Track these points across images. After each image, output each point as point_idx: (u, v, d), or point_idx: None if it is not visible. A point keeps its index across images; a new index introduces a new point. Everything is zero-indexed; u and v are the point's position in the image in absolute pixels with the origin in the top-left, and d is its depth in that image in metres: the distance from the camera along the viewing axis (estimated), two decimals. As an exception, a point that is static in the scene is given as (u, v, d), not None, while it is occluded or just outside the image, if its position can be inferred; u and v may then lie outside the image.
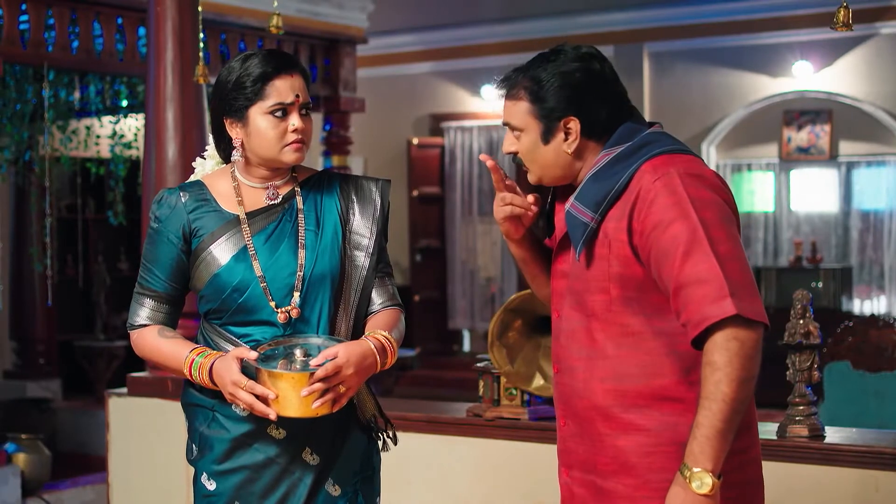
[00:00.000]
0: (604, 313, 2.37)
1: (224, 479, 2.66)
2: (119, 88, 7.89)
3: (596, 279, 2.37)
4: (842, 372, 5.56)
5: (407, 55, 11.89)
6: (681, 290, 2.23)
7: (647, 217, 2.28)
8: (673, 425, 2.33)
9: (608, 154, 2.38)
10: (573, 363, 2.43)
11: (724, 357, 2.19)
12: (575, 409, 2.44)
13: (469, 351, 11.96)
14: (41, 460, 6.79)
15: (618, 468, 2.37)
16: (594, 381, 2.39)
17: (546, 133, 2.42)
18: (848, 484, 3.37)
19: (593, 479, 2.42)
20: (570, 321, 2.44)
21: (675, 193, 2.27)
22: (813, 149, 10.43)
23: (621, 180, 2.33)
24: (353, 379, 2.56)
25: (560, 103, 2.40)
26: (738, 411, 2.20)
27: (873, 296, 10.35)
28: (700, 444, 2.20)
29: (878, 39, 10.00)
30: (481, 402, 3.97)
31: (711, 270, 2.21)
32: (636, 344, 2.35)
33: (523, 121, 2.43)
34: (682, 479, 2.22)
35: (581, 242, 2.36)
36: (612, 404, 2.37)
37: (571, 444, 2.46)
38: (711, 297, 2.20)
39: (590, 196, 2.36)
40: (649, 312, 2.34)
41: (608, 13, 10.72)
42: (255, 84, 2.61)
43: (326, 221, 2.71)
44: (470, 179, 11.84)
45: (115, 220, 8.38)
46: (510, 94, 2.46)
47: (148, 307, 2.71)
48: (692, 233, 2.24)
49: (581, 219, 2.36)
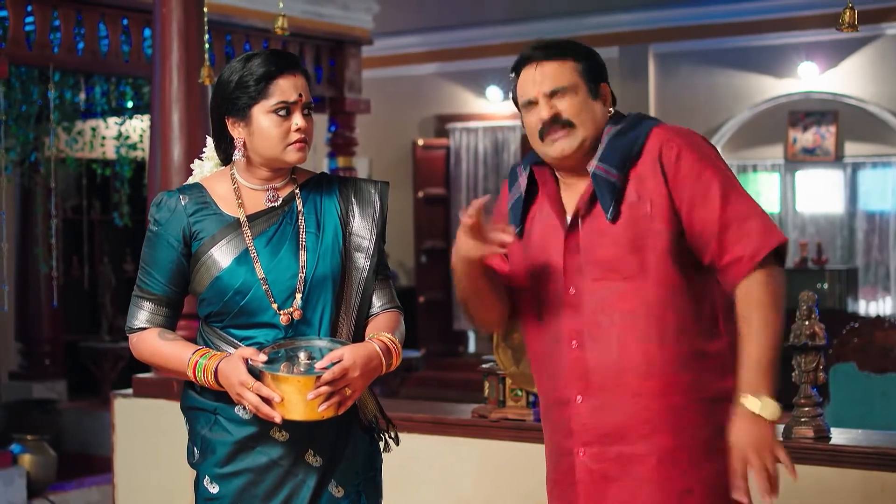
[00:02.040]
0: (645, 273, 2.47)
1: (227, 483, 2.66)
2: (124, 90, 7.90)
3: (638, 238, 2.47)
4: (847, 373, 5.56)
5: (412, 56, 11.89)
6: (727, 228, 2.41)
7: (678, 170, 2.45)
8: (700, 381, 2.47)
9: (614, 127, 2.56)
10: (604, 332, 2.49)
11: (772, 293, 2.40)
12: (601, 379, 2.49)
13: (474, 352, 11.95)
14: (47, 461, 6.80)
15: (652, 430, 2.46)
16: (632, 342, 2.47)
17: (594, 93, 2.56)
18: (853, 485, 3.37)
19: (619, 449, 2.48)
20: (597, 291, 2.50)
21: (697, 147, 2.49)
22: (818, 150, 10.42)
23: (639, 140, 2.50)
24: (359, 381, 2.56)
25: (597, 69, 2.58)
26: (779, 344, 2.42)
27: (879, 297, 10.33)
28: (757, 374, 2.39)
29: (884, 40, 9.99)
30: (486, 404, 3.98)
31: (753, 207, 2.44)
32: (674, 302, 2.47)
33: (573, 78, 2.54)
34: (749, 410, 2.36)
35: (612, 202, 2.48)
36: (651, 363, 2.46)
37: (590, 420, 2.51)
38: (762, 228, 2.41)
39: (613, 156, 2.50)
40: (688, 270, 2.47)
41: (613, 14, 10.72)
42: (258, 83, 2.61)
43: (327, 223, 2.71)
44: (475, 180, 11.84)
45: (120, 222, 8.39)
46: (556, 55, 2.56)
47: (147, 310, 2.70)
48: (724, 177, 2.45)
49: (608, 178, 2.49)
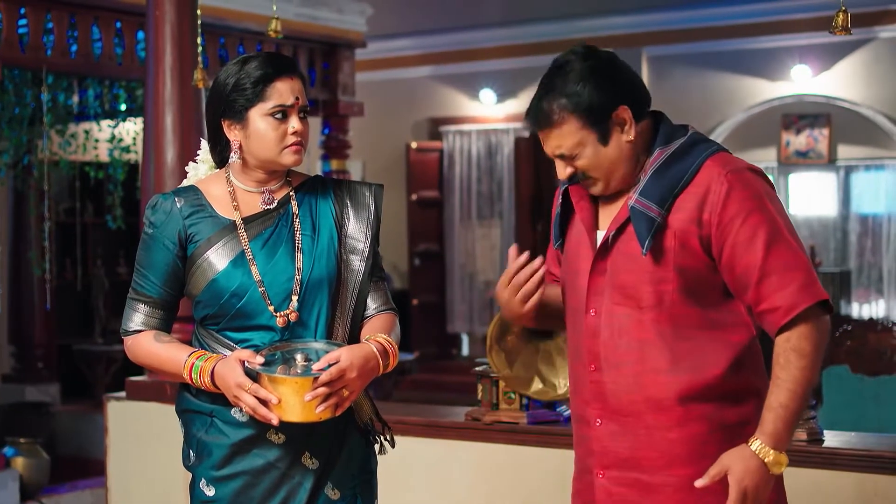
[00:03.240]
0: (661, 305, 2.42)
1: (223, 485, 2.66)
2: (118, 92, 7.89)
3: (658, 270, 2.41)
4: (840, 376, 5.56)
5: (406, 59, 11.89)
6: (766, 277, 2.34)
7: (724, 209, 2.36)
8: (721, 412, 2.42)
9: (664, 151, 2.44)
10: (621, 358, 2.45)
11: (812, 345, 2.33)
12: (619, 404, 2.46)
13: (468, 355, 11.96)
14: (40, 464, 6.78)
15: (669, 461, 2.42)
16: (647, 373, 2.43)
17: (604, 136, 2.43)
18: (847, 488, 3.37)
19: (637, 476, 2.45)
20: (616, 316, 2.46)
21: (750, 187, 2.37)
22: (811, 153, 10.43)
23: (687, 174, 2.40)
24: (357, 383, 2.56)
25: (604, 98, 2.41)
26: (810, 395, 2.39)
27: (872, 300, 10.34)
28: (785, 426, 2.33)
29: (877, 43, 10.00)
30: (480, 406, 3.97)
31: (799, 259, 2.36)
32: (692, 335, 2.41)
33: (576, 139, 2.43)
34: (758, 456, 2.32)
35: (649, 237, 2.40)
36: (666, 396, 2.42)
37: (610, 444, 2.48)
38: (802, 283, 2.34)
39: (655, 191, 2.41)
40: (704, 304, 2.42)
41: (607, 17, 10.73)
42: (255, 86, 2.61)
43: (322, 226, 2.72)
44: (469, 183, 11.83)
45: (113, 224, 8.37)
46: (550, 122, 2.44)
47: (142, 313, 2.70)
48: (773, 224, 2.36)
49: (648, 213, 2.40)
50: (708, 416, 2.41)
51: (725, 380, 2.40)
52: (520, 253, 2.55)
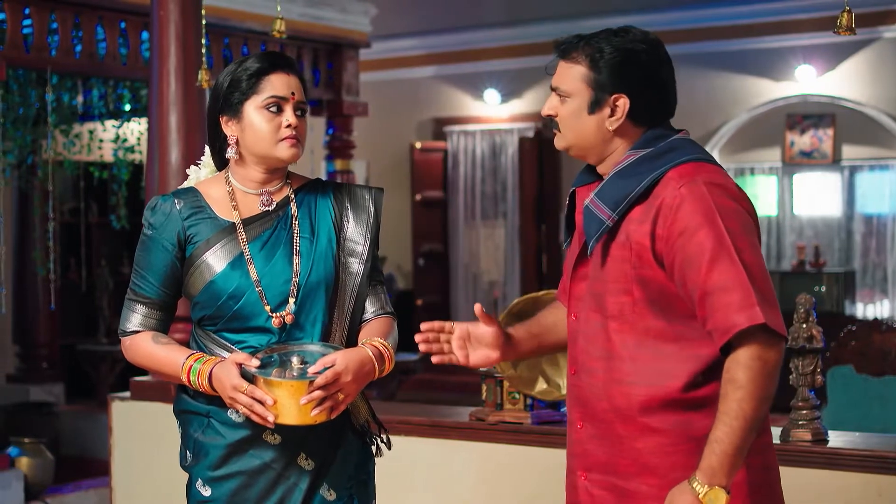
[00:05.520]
0: (624, 315, 2.38)
1: (219, 485, 2.66)
2: (122, 92, 7.89)
3: (617, 281, 2.38)
4: (845, 376, 5.55)
5: (410, 59, 11.90)
6: (707, 296, 2.24)
7: (673, 224, 2.29)
8: (687, 423, 2.34)
9: (633, 155, 2.39)
10: (592, 365, 2.44)
11: (748, 376, 2.21)
12: (594, 410, 2.44)
13: (472, 355, 11.92)
14: (44, 464, 6.78)
15: (640, 469, 2.38)
16: (612, 383, 2.39)
17: (594, 103, 2.41)
18: (851, 488, 3.37)
19: (614, 480, 2.42)
20: (590, 323, 2.44)
21: (700, 201, 2.28)
22: (816, 153, 10.42)
23: (643, 183, 2.34)
24: (352, 386, 2.57)
25: (615, 78, 2.40)
26: (755, 429, 2.24)
27: (876, 300, 10.33)
28: (719, 461, 2.21)
29: (882, 43, 10.00)
30: (484, 407, 3.97)
31: (738, 278, 2.23)
32: (655, 346, 2.35)
33: (574, 86, 2.43)
34: (694, 492, 2.22)
35: (595, 239, 2.38)
36: (629, 406, 2.37)
37: (590, 447, 2.46)
38: (739, 304, 2.22)
39: (611, 195, 2.37)
40: (670, 316, 2.35)
41: (611, 17, 10.70)
42: (250, 79, 2.64)
43: (321, 228, 2.72)
44: (473, 183, 11.83)
45: (117, 224, 8.38)
46: (568, 56, 2.46)
47: (140, 313, 2.71)
48: (718, 240, 2.25)
49: (599, 216, 2.37)
50: (671, 427, 2.34)
51: (689, 392, 2.33)
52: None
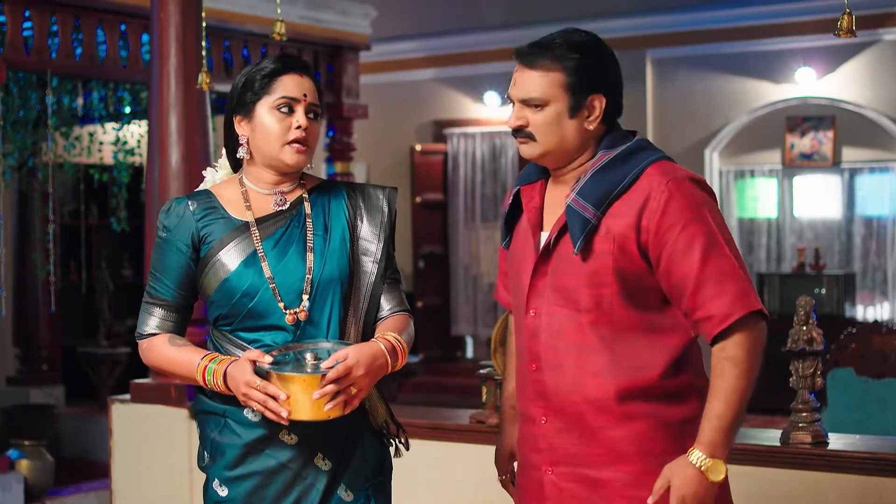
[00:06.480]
0: (601, 307, 2.43)
1: (236, 485, 2.67)
2: (122, 95, 7.90)
3: (596, 274, 2.42)
4: (845, 378, 5.55)
5: (410, 62, 11.90)
6: (702, 286, 2.36)
7: (662, 217, 2.38)
8: (663, 411, 2.44)
9: (607, 154, 2.46)
10: (560, 359, 2.47)
11: (746, 353, 2.35)
12: (561, 404, 2.48)
13: (472, 357, 11.95)
14: (44, 467, 6.78)
15: (614, 458, 2.44)
16: (586, 376, 2.45)
17: (574, 107, 2.45)
18: (851, 491, 3.37)
19: (585, 471, 2.47)
20: (555, 318, 2.48)
21: (689, 196, 2.39)
22: (816, 155, 10.42)
23: (627, 178, 2.41)
24: (365, 380, 2.57)
25: (595, 78, 2.46)
26: (746, 405, 2.38)
27: (876, 302, 10.33)
28: (719, 434, 2.34)
29: (882, 46, 10.00)
30: (484, 409, 3.98)
31: (734, 269, 2.37)
32: (630, 338, 2.43)
33: (550, 92, 2.45)
34: (695, 465, 2.33)
35: (581, 238, 2.42)
36: (605, 397, 2.43)
37: (556, 441, 2.50)
38: (736, 292, 2.35)
39: (593, 192, 2.42)
40: (645, 308, 2.43)
41: (611, 19, 10.72)
42: (263, 80, 2.66)
43: (334, 227, 2.73)
44: (473, 186, 11.84)
45: (118, 227, 8.39)
46: (535, 65, 2.47)
47: (157, 316, 2.71)
48: (710, 233, 2.38)
49: (583, 214, 2.42)
50: (649, 414, 2.43)
51: (664, 381, 2.43)
52: None
